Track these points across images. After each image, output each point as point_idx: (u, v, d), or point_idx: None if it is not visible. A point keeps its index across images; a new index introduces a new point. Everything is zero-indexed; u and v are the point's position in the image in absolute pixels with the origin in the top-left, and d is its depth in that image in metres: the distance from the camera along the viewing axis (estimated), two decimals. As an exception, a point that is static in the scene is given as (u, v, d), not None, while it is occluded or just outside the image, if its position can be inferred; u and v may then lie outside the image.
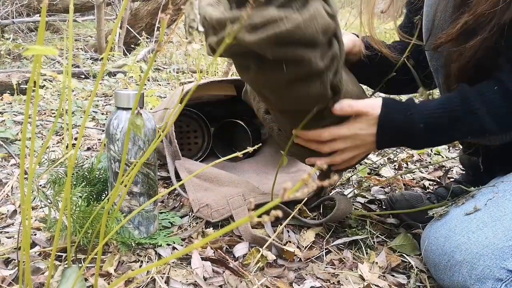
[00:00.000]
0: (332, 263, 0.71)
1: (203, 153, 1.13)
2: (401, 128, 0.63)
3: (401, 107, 0.64)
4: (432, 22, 0.69)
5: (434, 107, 0.63)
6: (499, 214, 0.58)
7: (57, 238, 0.53)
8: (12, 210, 0.85)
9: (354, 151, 0.68)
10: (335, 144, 0.67)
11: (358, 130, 0.65)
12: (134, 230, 0.70)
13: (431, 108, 0.63)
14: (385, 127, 0.64)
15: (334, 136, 0.66)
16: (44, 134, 1.47)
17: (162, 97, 2.08)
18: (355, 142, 0.66)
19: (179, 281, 0.63)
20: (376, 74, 0.81)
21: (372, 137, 0.65)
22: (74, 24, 4.64)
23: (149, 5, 3.59)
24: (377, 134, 0.65)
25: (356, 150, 0.68)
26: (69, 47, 0.58)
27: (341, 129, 0.66)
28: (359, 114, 0.65)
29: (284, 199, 0.22)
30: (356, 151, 0.68)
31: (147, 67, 0.48)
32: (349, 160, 0.70)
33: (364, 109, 0.64)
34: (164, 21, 0.37)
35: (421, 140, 0.64)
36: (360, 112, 0.64)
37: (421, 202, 0.85)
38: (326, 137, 0.67)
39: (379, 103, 0.64)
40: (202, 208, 0.80)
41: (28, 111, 0.41)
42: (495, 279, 0.53)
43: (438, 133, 0.63)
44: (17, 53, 3.20)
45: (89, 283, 0.61)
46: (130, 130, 0.46)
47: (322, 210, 0.87)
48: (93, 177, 0.74)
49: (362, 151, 0.69)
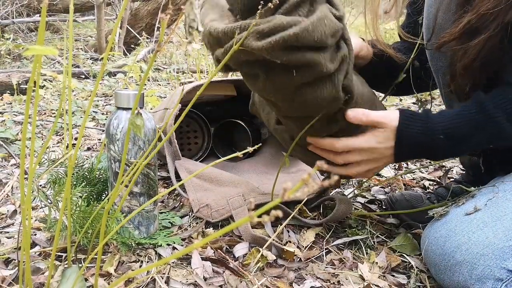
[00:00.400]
0: (332, 263, 0.71)
1: (203, 153, 1.13)
2: (420, 140, 0.61)
3: (419, 118, 0.62)
4: (434, 22, 0.69)
5: (452, 117, 0.61)
6: (499, 214, 0.58)
7: (57, 238, 0.53)
8: (12, 210, 0.85)
9: (370, 164, 0.66)
10: (350, 156, 0.65)
11: (375, 144, 0.63)
12: (134, 230, 0.70)
13: (450, 118, 0.61)
14: (404, 140, 0.62)
15: (349, 147, 0.64)
16: (44, 134, 1.47)
17: (162, 97, 2.08)
18: (372, 156, 0.64)
19: (179, 281, 0.63)
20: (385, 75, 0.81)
21: (390, 150, 0.63)
22: (74, 24, 4.64)
23: (149, 5, 3.60)
24: (396, 147, 0.62)
25: (373, 163, 0.66)
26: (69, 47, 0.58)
27: (356, 141, 0.64)
28: (375, 125, 0.63)
29: (284, 199, 0.22)
30: (372, 164, 0.66)
31: (147, 67, 0.48)
32: (365, 173, 0.68)
33: (381, 120, 0.62)
34: (164, 21, 0.37)
35: (442, 151, 0.62)
36: (376, 123, 0.62)
37: (421, 202, 0.85)
38: (340, 148, 0.64)
39: (396, 114, 0.62)
40: (202, 208, 0.80)
41: (28, 111, 0.41)
42: (495, 279, 0.53)
43: (459, 143, 0.61)
44: (17, 53, 3.20)
45: (89, 283, 0.61)
46: (130, 130, 0.46)
47: (322, 210, 0.87)
48: (93, 177, 0.74)
49: (379, 164, 0.66)
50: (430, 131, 0.61)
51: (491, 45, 0.57)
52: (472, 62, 0.60)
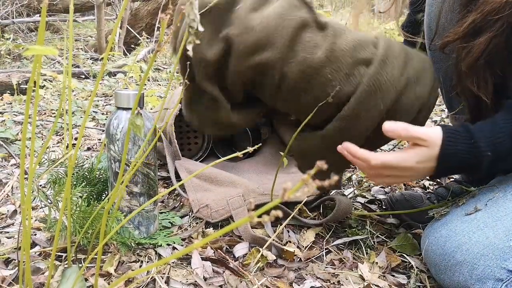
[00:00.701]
0: (332, 263, 0.71)
1: (203, 153, 1.13)
2: (465, 160, 0.57)
3: (463, 134, 0.58)
4: (437, 22, 0.69)
5: (495, 131, 0.57)
6: (500, 214, 0.58)
7: (57, 238, 0.53)
8: (12, 210, 0.85)
9: (401, 179, 0.62)
10: (383, 171, 0.60)
11: (414, 163, 0.58)
12: (134, 230, 0.70)
13: (493, 133, 0.57)
14: (447, 161, 0.57)
15: (385, 165, 0.59)
16: (44, 134, 1.47)
17: (162, 97, 2.08)
18: (407, 173, 0.60)
19: (179, 281, 0.63)
20: None
21: (429, 170, 0.59)
22: (74, 24, 4.64)
23: (149, 5, 3.60)
24: (437, 168, 0.58)
25: (405, 178, 0.61)
26: (69, 47, 0.58)
27: (393, 159, 0.59)
28: (416, 143, 0.58)
29: (284, 199, 0.22)
30: (404, 179, 0.61)
31: (147, 67, 0.48)
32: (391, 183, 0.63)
33: (423, 137, 0.57)
34: (164, 21, 0.37)
35: (486, 169, 0.58)
36: (418, 141, 0.58)
37: (421, 202, 0.85)
38: (374, 165, 0.60)
39: (439, 132, 0.58)
40: (202, 208, 0.80)
41: (28, 111, 0.41)
42: (495, 279, 0.53)
43: (504, 159, 0.57)
44: (17, 53, 3.20)
45: (89, 283, 0.61)
46: (130, 130, 0.46)
47: (322, 210, 0.87)
48: (93, 177, 0.74)
49: (410, 179, 0.62)
50: (475, 150, 0.57)
51: (496, 44, 0.57)
52: (476, 60, 0.59)
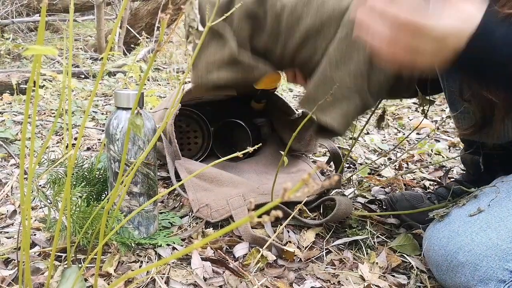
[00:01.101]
0: (332, 263, 0.71)
1: (203, 153, 1.13)
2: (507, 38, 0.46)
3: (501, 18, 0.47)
4: None
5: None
6: (502, 215, 0.58)
7: (57, 238, 0.53)
8: (12, 210, 0.84)
9: (420, 51, 0.47)
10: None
11: (447, 18, 0.45)
12: (134, 230, 0.70)
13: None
14: (486, 33, 0.46)
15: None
16: (44, 134, 1.47)
17: (162, 97, 2.08)
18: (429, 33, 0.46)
19: (179, 281, 0.63)
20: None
21: (457, 37, 0.46)
22: (74, 24, 4.64)
23: (149, 5, 3.60)
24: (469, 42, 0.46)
25: (425, 54, 0.48)
26: (69, 47, 0.58)
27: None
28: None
29: (284, 199, 0.22)
30: (423, 53, 0.47)
31: (147, 67, 0.47)
32: (403, 57, 0.49)
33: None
34: (164, 21, 0.37)
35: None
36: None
37: (422, 202, 0.85)
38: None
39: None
40: (202, 208, 0.79)
41: (28, 111, 0.40)
42: (498, 280, 0.53)
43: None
44: (17, 53, 3.20)
45: (89, 283, 0.61)
46: (130, 130, 0.46)
47: (322, 210, 0.87)
48: (93, 177, 0.74)
49: (432, 55, 0.47)
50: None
51: None
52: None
